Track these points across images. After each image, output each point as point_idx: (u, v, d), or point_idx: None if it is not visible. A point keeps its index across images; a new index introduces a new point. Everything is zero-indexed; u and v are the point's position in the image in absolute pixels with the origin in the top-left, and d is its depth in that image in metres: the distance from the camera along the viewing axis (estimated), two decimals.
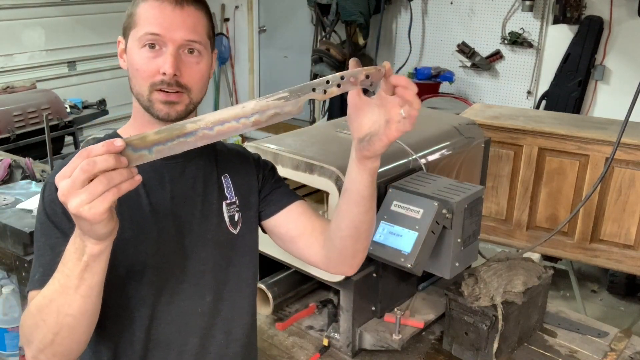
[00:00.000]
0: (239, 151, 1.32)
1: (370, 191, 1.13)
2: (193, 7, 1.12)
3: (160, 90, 1.09)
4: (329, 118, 5.07)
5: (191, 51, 1.12)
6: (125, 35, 1.14)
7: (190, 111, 1.14)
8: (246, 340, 1.28)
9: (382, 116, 1.03)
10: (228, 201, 1.23)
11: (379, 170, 1.54)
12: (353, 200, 1.13)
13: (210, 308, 1.20)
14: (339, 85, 0.96)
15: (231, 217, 1.22)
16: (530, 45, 4.55)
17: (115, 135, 1.19)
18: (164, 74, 1.08)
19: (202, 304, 1.19)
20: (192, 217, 1.18)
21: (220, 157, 1.26)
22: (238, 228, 1.23)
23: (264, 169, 1.32)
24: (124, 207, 1.08)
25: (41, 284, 1.00)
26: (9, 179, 2.50)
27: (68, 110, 4.42)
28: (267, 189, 1.31)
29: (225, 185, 1.24)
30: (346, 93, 1.03)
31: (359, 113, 1.07)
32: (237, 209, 1.24)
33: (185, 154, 1.06)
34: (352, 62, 1.01)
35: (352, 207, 1.13)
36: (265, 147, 1.59)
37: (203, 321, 1.20)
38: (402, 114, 1.00)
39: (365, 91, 1.04)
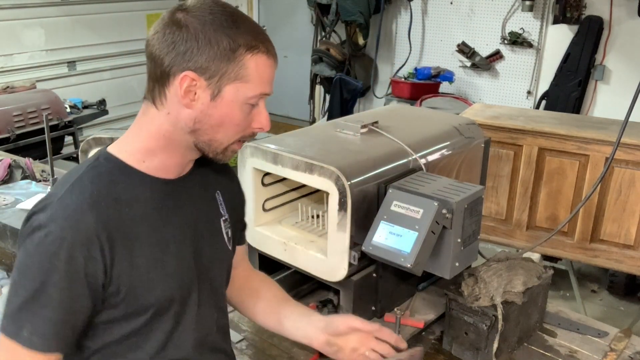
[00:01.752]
0: (225, 166, 1.29)
1: None
2: None
3: (242, 141, 1.10)
4: (329, 118, 5.07)
5: None
6: (214, 78, 1.00)
7: None
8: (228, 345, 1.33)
9: (355, 344, 1.26)
10: (224, 218, 1.22)
11: (379, 171, 1.55)
12: (286, 332, 1.32)
13: (217, 324, 1.23)
14: None
15: (227, 234, 1.22)
16: (530, 45, 4.55)
17: (119, 163, 1.07)
18: (260, 128, 1.08)
19: (212, 321, 1.22)
20: (202, 238, 1.16)
21: (212, 172, 1.23)
22: (231, 244, 1.25)
23: (242, 195, 1.35)
24: (144, 246, 1.05)
25: (39, 345, 0.97)
26: (8, 179, 2.50)
27: (68, 110, 4.43)
28: (241, 213, 1.36)
29: (219, 202, 1.22)
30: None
31: (347, 332, 1.26)
32: (229, 225, 1.24)
33: (190, 172, 1.14)
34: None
35: (279, 329, 1.33)
36: (265, 147, 1.59)
37: (212, 337, 1.21)
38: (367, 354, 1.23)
39: None
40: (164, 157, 1.08)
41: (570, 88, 4.35)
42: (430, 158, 1.71)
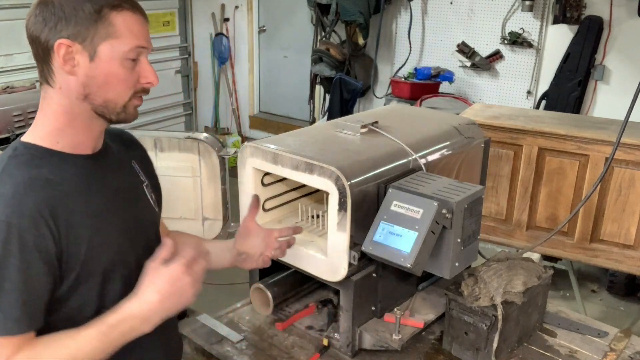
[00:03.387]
0: (131, 137, 1.39)
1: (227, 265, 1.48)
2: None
3: (139, 96, 1.17)
4: (329, 118, 5.07)
5: None
6: (87, 41, 1.09)
7: None
8: None
9: (261, 247, 1.46)
10: (145, 183, 1.32)
11: (379, 171, 1.55)
12: (212, 263, 1.43)
13: None
14: None
15: (151, 197, 1.32)
16: (530, 45, 4.55)
17: (36, 148, 1.14)
18: (149, 83, 1.16)
19: None
20: (132, 204, 1.25)
21: (122, 145, 1.33)
22: (157, 206, 1.35)
23: (152, 163, 1.43)
24: (83, 217, 1.13)
25: (14, 329, 1.03)
26: None
27: None
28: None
29: (137, 170, 1.32)
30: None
31: (248, 234, 1.47)
32: (151, 190, 1.34)
33: (104, 147, 1.23)
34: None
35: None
36: (265, 147, 1.59)
37: None
38: (273, 253, 1.38)
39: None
40: (73, 132, 1.15)
41: (570, 88, 4.34)
42: (430, 158, 1.71)
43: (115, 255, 1.18)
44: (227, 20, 6.41)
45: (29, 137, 1.15)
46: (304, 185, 1.72)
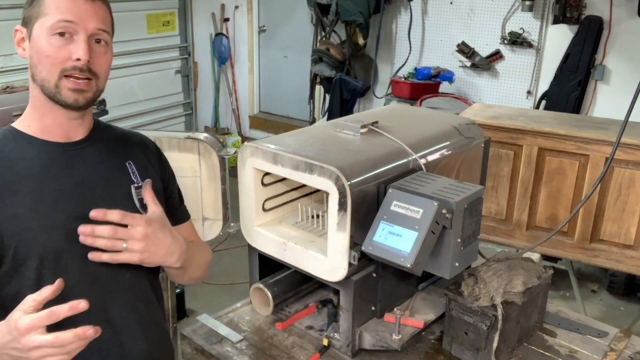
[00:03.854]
0: (141, 139, 1.39)
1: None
2: (101, 1, 1.20)
3: (70, 76, 1.15)
4: (329, 118, 5.07)
5: (99, 41, 1.18)
6: (29, 24, 1.18)
7: (96, 99, 1.21)
8: (144, 309, 1.32)
9: None
10: (135, 185, 1.29)
11: (379, 171, 1.55)
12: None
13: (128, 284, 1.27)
14: None
15: (140, 200, 1.29)
16: (530, 45, 4.55)
17: (12, 130, 1.22)
18: (78, 60, 1.14)
19: (115, 280, 1.24)
20: (100, 200, 1.22)
21: (122, 144, 1.33)
22: (145, 210, 1.29)
23: (167, 168, 1.43)
24: (26, 198, 1.14)
25: None
26: None
27: None
28: (167, 193, 1.41)
29: (130, 171, 1.30)
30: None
31: None
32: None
33: (86, 139, 1.24)
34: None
35: None
36: (265, 147, 1.59)
37: (122, 298, 1.25)
38: (123, 246, 1.15)
39: None
40: (38, 116, 1.21)
41: (570, 88, 4.34)
42: (430, 158, 1.71)
43: (56, 245, 1.15)
44: (227, 20, 6.41)
45: (15, 122, 1.24)
46: (304, 185, 1.72)
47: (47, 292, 1.00)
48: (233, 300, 1.88)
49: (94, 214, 1.12)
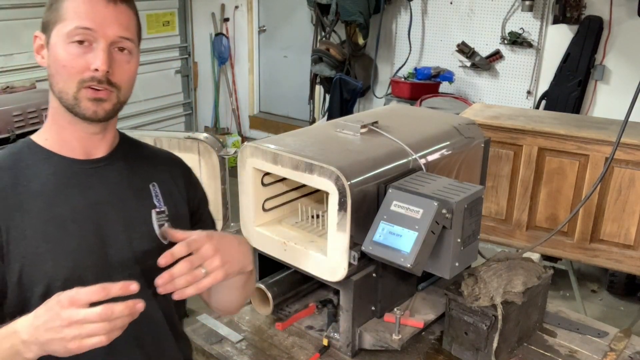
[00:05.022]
0: (169, 158, 1.29)
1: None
2: (126, 5, 1.10)
3: (89, 87, 1.06)
4: (329, 118, 5.07)
5: (122, 49, 1.09)
6: (47, 30, 1.09)
7: (117, 111, 1.12)
8: (155, 342, 1.22)
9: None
10: (157, 210, 1.19)
11: (379, 171, 1.55)
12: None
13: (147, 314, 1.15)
14: None
15: (161, 226, 1.18)
16: (530, 45, 4.55)
17: (29, 143, 1.14)
18: (96, 70, 1.05)
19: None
20: (116, 224, 1.13)
21: (147, 163, 1.22)
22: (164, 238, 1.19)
23: (197, 190, 1.31)
24: (35, 219, 1.05)
25: None
26: None
27: None
28: (197, 217, 1.30)
29: (153, 194, 1.20)
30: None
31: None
32: (167, 218, 1.20)
33: (107, 157, 1.14)
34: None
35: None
36: (265, 147, 1.59)
37: (140, 329, 1.11)
38: (203, 271, 1.05)
39: None
40: (57, 129, 1.13)
41: (570, 88, 4.34)
42: (430, 158, 1.71)
43: (64, 272, 1.05)
44: (227, 20, 6.41)
45: (35, 134, 1.16)
46: (304, 185, 1.72)
47: (116, 288, 0.92)
48: None
49: (164, 261, 1.02)
